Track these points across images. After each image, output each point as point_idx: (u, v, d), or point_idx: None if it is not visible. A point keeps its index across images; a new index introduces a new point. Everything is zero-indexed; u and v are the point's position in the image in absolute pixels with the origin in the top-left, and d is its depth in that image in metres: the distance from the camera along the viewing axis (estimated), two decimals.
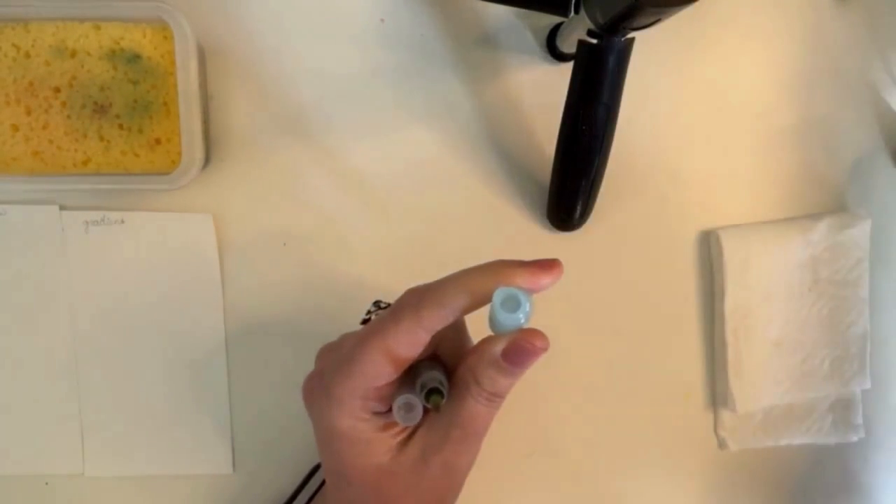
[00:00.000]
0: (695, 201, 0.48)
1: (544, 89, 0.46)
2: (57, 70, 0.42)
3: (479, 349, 0.30)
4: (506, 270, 0.28)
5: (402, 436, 0.31)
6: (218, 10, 0.45)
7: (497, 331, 0.29)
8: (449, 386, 0.31)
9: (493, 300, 0.27)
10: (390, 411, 0.30)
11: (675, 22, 0.35)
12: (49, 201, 0.44)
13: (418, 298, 0.28)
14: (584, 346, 0.48)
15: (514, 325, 0.27)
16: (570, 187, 0.43)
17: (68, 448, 0.45)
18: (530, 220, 0.47)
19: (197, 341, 0.45)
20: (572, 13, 0.39)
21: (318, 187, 0.46)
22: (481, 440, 0.31)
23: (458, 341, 0.33)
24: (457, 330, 0.33)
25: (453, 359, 0.32)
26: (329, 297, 0.46)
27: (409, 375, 0.30)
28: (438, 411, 0.29)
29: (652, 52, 0.47)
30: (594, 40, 0.38)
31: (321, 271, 0.46)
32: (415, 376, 0.30)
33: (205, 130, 0.44)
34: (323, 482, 0.43)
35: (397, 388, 0.30)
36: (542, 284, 0.28)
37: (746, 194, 0.48)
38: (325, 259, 0.46)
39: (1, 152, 0.42)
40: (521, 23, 0.47)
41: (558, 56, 0.46)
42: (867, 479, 0.50)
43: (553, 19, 0.45)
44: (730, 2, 0.48)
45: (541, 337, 0.28)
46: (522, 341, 0.28)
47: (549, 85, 0.46)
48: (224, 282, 0.45)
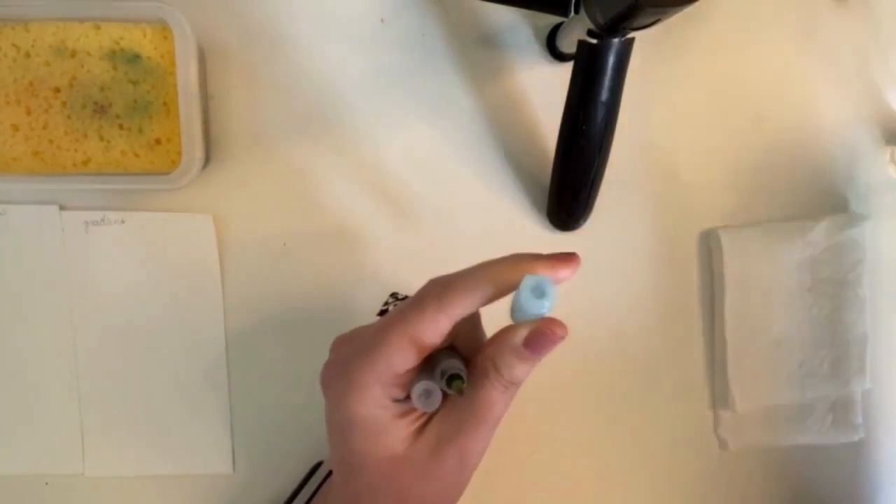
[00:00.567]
0: (695, 201, 0.48)
1: (544, 89, 0.47)
2: (57, 70, 0.42)
3: (497, 338, 0.31)
4: (527, 261, 0.29)
5: (417, 423, 0.32)
6: (218, 10, 0.45)
7: (519, 318, 0.30)
8: None
9: (522, 286, 0.28)
10: (408, 399, 0.30)
11: (676, 22, 0.35)
12: (49, 201, 0.44)
13: (442, 287, 0.30)
14: (585, 346, 0.48)
15: (537, 313, 0.28)
16: (570, 187, 0.44)
17: (68, 448, 0.45)
18: (530, 220, 0.47)
19: (197, 341, 0.45)
20: (572, 13, 0.39)
21: (319, 187, 0.46)
22: (494, 430, 0.31)
23: (474, 333, 0.34)
24: (473, 322, 0.34)
25: (469, 350, 0.33)
26: (329, 297, 0.46)
27: (427, 364, 0.31)
28: (462, 395, 0.30)
29: (652, 51, 0.47)
30: (594, 40, 0.38)
31: (321, 271, 0.46)
32: (433, 365, 0.31)
33: (205, 130, 0.44)
34: (323, 482, 0.43)
35: (416, 376, 0.31)
36: (561, 276, 0.29)
37: (746, 194, 0.48)
38: (325, 259, 0.46)
39: (1, 152, 0.42)
40: (521, 23, 0.47)
41: (558, 56, 0.46)
42: (867, 479, 0.50)
43: (553, 19, 0.45)
44: (730, 2, 0.48)
45: (561, 325, 0.29)
46: (545, 328, 0.29)
47: (549, 85, 0.46)
48: (224, 282, 0.45)
